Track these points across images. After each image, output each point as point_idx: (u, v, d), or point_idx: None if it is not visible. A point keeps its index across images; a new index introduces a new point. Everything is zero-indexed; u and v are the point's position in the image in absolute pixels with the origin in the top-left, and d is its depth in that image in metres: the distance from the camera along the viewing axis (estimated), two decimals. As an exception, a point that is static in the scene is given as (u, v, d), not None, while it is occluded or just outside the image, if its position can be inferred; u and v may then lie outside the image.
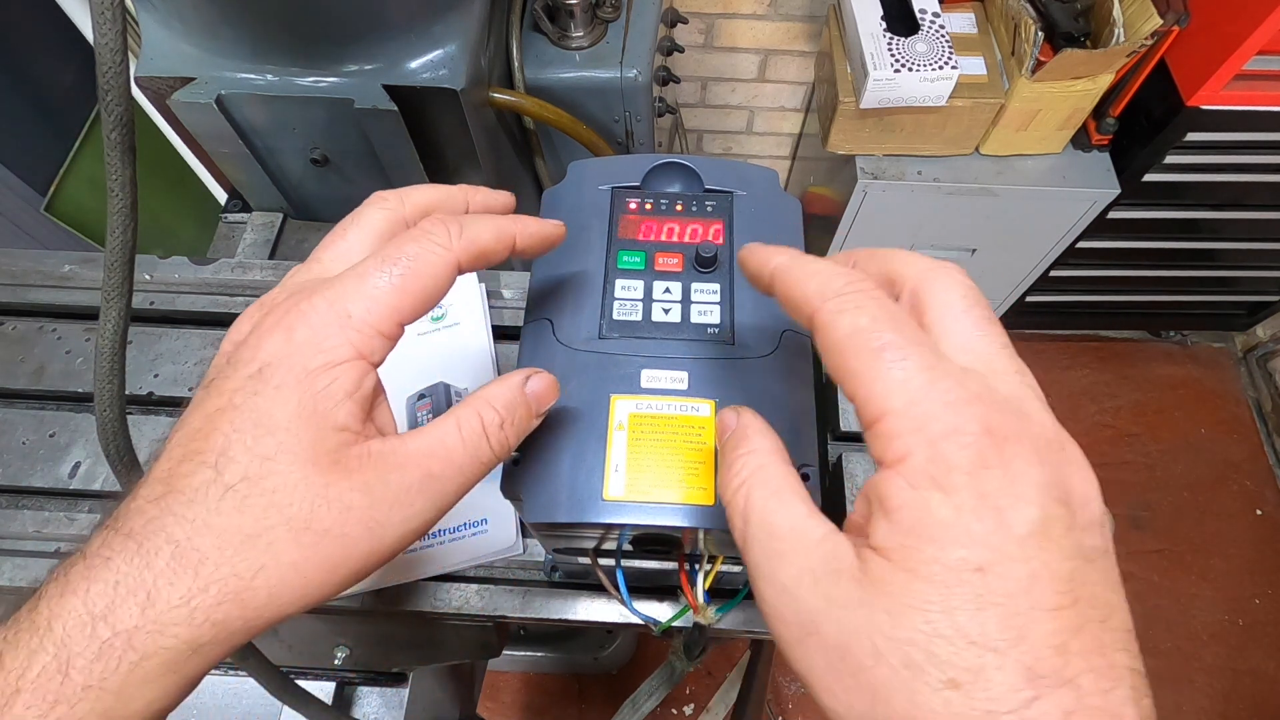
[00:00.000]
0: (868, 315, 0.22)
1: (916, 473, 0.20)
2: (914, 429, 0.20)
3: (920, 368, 0.21)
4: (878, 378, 0.21)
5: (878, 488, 0.21)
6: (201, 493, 0.22)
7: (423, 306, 0.26)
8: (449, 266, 0.26)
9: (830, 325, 0.22)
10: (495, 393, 0.27)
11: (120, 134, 0.29)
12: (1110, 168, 1.23)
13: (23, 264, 0.58)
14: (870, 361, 0.21)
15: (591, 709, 1.48)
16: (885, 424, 0.21)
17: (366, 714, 0.59)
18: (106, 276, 0.32)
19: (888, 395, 0.21)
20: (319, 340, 0.24)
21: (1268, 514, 1.68)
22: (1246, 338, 1.86)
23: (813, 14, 1.37)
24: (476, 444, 0.26)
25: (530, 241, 0.30)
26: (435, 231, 0.26)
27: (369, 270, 0.25)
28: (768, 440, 0.25)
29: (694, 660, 0.43)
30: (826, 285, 0.23)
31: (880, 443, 0.21)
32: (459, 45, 0.60)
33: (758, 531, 0.23)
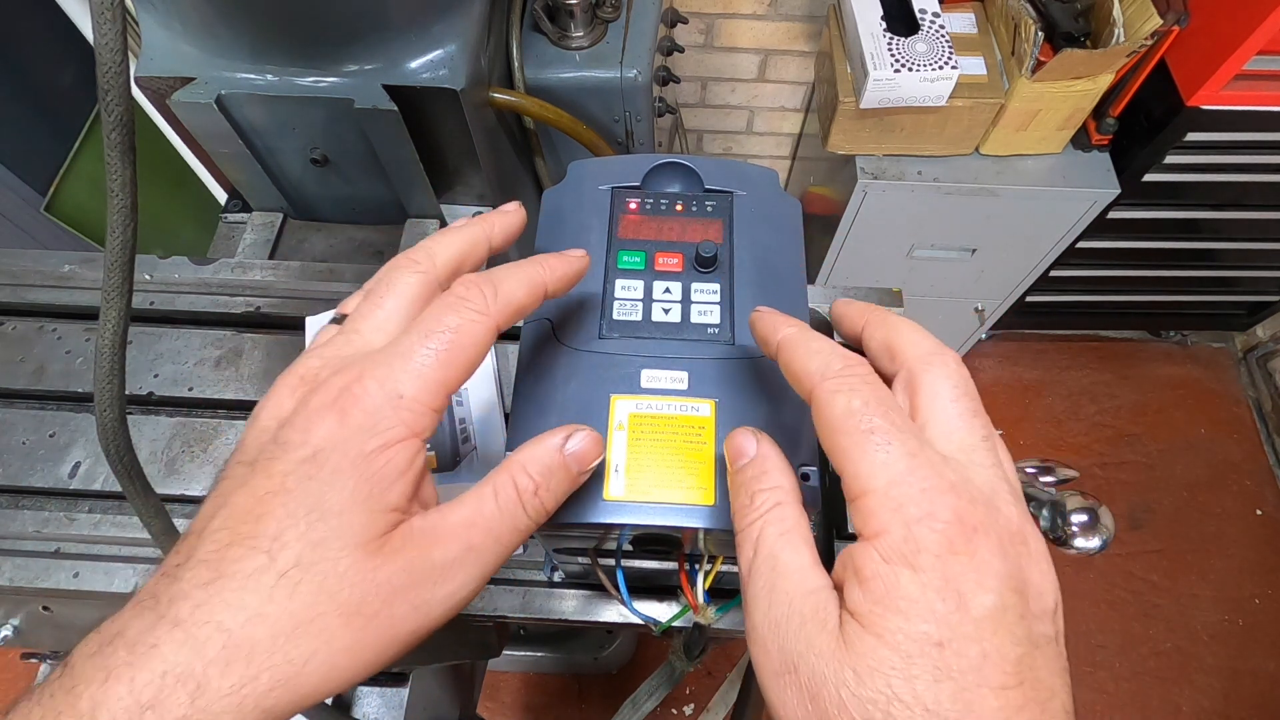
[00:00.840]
0: (860, 399, 0.24)
1: (890, 549, 0.22)
2: (892, 509, 0.22)
3: (903, 454, 0.23)
4: (864, 458, 0.23)
5: (854, 557, 0.22)
6: (254, 579, 0.22)
7: (468, 375, 0.26)
8: (489, 332, 0.26)
9: (826, 403, 0.24)
10: (531, 455, 0.27)
11: (120, 134, 0.29)
12: (1110, 168, 1.23)
13: (23, 264, 0.58)
14: (859, 442, 0.23)
15: (591, 709, 1.48)
16: (866, 501, 0.22)
17: (366, 714, 0.59)
18: (106, 276, 0.32)
19: (871, 475, 0.23)
20: (374, 424, 0.24)
21: (1268, 514, 1.68)
22: (1246, 338, 1.86)
23: (813, 14, 1.37)
24: (513, 512, 0.26)
25: (561, 285, 0.30)
26: (471, 298, 0.26)
27: (414, 348, 0.25)
28: (788, 479, 0.26)
29: (694, 660, 0.43)
30: (826, 365, 0.25)
31: (860, 517, 0.23)
32: (459, 45, 0.60)
33: (763, 565, 0.24)
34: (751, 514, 0.25)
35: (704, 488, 0.29)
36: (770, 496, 0.25)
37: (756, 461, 0.26)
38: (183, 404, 0.54)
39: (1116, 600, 1.57)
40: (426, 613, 0.24)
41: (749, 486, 0.26)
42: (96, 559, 0.48)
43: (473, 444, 0.50)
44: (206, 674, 0.21)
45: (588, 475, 0.28)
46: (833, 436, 0.24)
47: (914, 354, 0.26)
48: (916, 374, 0.26)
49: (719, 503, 0.29)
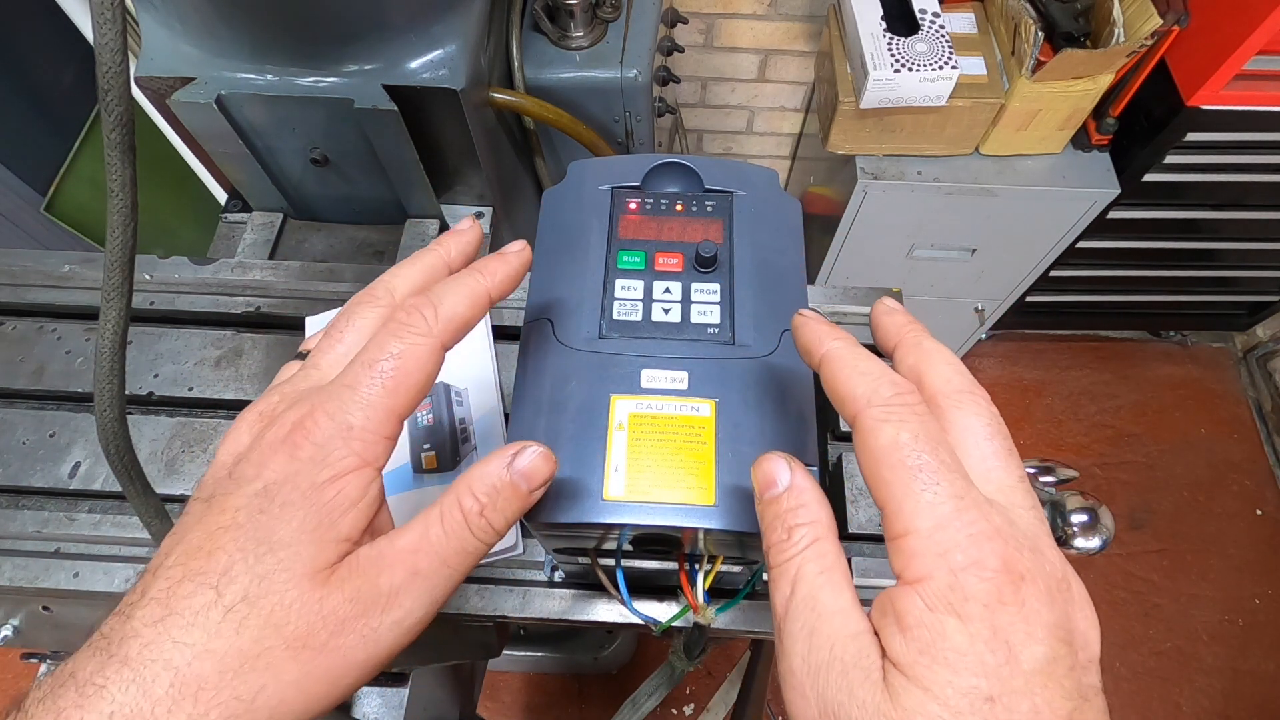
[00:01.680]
0: (909, 431, 0.23)
1: (935, 596, 0.21)
2: (937, 553, 0.21)
3: (950, 495, 0.22)
4: (908, 495, 0.22)
5: (895, 602, 0.22)
6: (202, 615, 0.22)
7: (418, 397, 0.26)
8: (434, 353, 0.26)
9: (871, 432, 0.23)
10: (477, 476, 0.26)
11: (120, 134, 0.29)
12: (1110, 168, 1.23)
13: (23, 264, 0.58)
14: (904, 478, 0.22)
15: (591, 709, 1.48)
16: (909, 542, 0.22)
17: (366, 714, 0.59)
18: (106, 276, 0.32)
19: (915, 515, 0.22)
20: (324, 455, 0.24)
21: (1268, 514, 1.68)
22: (1246, 338, 1.86)
23: (813, 14, 1.37)
24: (460, 533, 0.25)
25: (505, 286, 0.29)
26: (413, 322, 0.26)
27: (360, 377, 0.25)
28: (825, 511, 0.25)
29: (694, 660, 0.43)
30: (874, 390, 0.24)
31: (901, 558, 0.22)
32: (459, 45, 0.60)
33: (802, 606, 0.23)
34: (789, 549, 0.24)
35: (704, 488, 0.29)
36: (808, 532, 0.24)
37: (792, 493, 0.25)
38: (183, 404, 0.54)
39: (1116, 600, 1.57)
40: (375, 641, 0.24)
41: (784, 519, 0.25)
42: (96, 559, 0.48)
43: (473, 444, 0.50)
44: (154, 713, 0.21)
45: (540, 493, 0.27)
46: (875, 468, 0.23)
47: (946, 389, 0.25)
48: (947, 410, 0.25)
49: (719, 503, 0.29)
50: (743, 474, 0.29)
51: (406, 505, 0.48)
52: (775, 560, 0.24)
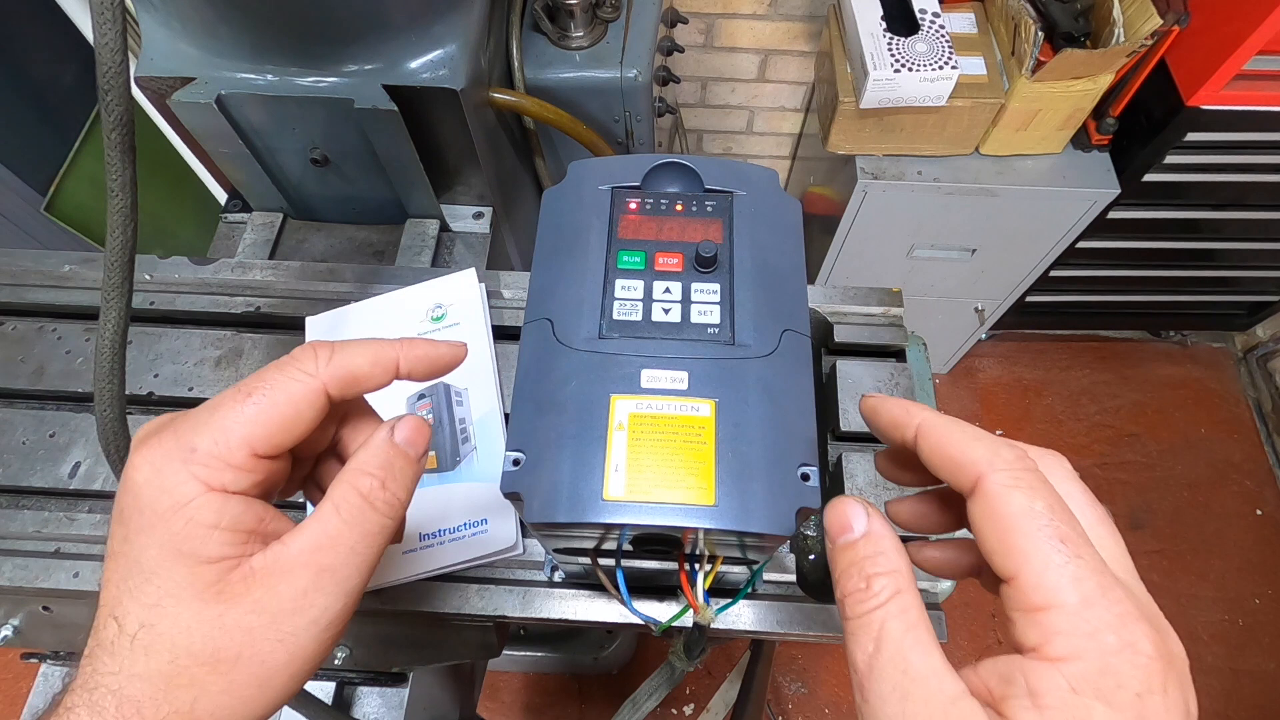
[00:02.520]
0: (1043, 500, 0.22)
1: (1083, 679, 0.20)
2: (1087, 633, 0.20)
3: (1093, 570, 0.21)
4: (1050, 568, 0.21)
5: (1029, 676, 0.20)
6: (115, 646, 0.23)
7: (284, 435, 0.26)
8: (314, 394, 0.26)
9: (1000, 497, 0.22)
10: (365, 458, 0.27)
11: (120, 134, 0.29)
12: (1110, 168, 1.23)
13: (23, 264, 0.58)
14: (1045, 549, 0.21)
15: (591, 709, 1.48)
16: (1052, 617, 0.21)
17: (366, 714, 0.59)
18: (106, 276, 0.32)
19: (1059, 589, 0.21)
20: (161, 481, 0.24)
21: (1268, 514, 1.68)
22: (1246, 338, 1.86)
23: (813, 14, 1.37)
24: (361, 517, 0.25)
25: (419, 367, 0.29)
26: (302, 360, 0.26)
27: (224, 402, 0.25)
28: (905, 561, 0.24)
29: (694, 660, 0.43)
30: (995, 454, 0.23)
31: (1038, 631, 0.21)
32: (459, 45, 0.60)
33: (890, 666, 0.22)
34: (868, 600, 0.23)
35: (704, 488, 0.29)
36: (889, 583, 0.23)
37: (870, 539, 0.24)
38: (183, 404, 0.54)
39: (1116, 600, 1.57)
40: (296, 642, 0.24)
41: (862, 567, 0.24)
42: (96, 559, 0.48)
43: (472, 444, 0.50)
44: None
45: (426, 459, 0.28)
46: (1007, 535, 0.22)
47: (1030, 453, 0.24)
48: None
49: (719, 503, 0.29)
50: (743, 474, 0.29)
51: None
52: (854, 611, 0.23)
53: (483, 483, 0.48)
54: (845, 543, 0.25)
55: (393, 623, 0.52)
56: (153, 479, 0.24)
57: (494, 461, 0.49)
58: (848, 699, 1.48)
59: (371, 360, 0.28)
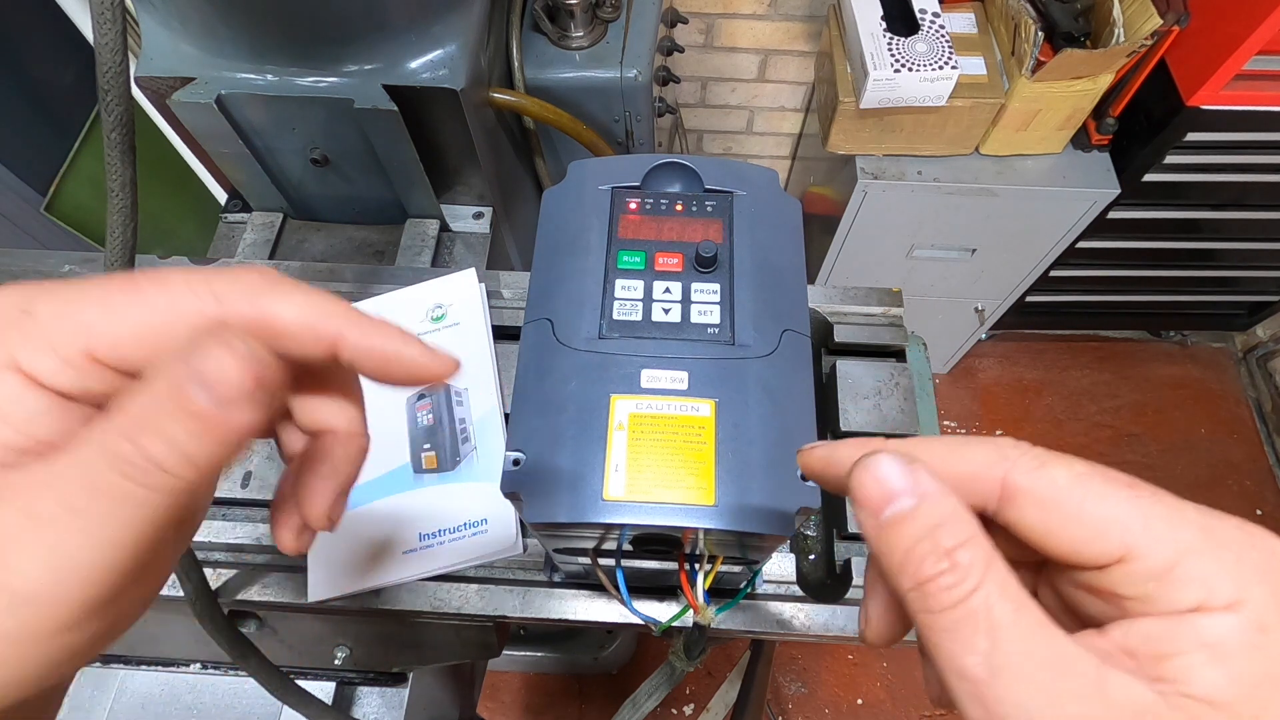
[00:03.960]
0: (1080, 464, 0.19)
1: (1261, 611, 0.17)
2: (1234, 561, 0.17)
3: (1164, 497, 0.18)
4: (1149, 518, 0.18)
5: (1201, 632, 0.17)
6: None
7: (136, 348, 0.19)
8: (201, 319, 0.19)
9: (1040, 475, 0.19)
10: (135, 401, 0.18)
11: (120, 134, 0.29)
12: (1110, 168, 1.23)
13: (23, 264, 0.58)
14: (1125, 503, 0.18)
15: (591, 709, 1.48)
16: (1192, 566, 0.18)
17: (366, 714, 0.59)
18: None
19: (1175, 536, 0.18)
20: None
21: (1268, 514, 1.68)
22: (1246, 338, 1.86)
23: (813, 14, 1.37)
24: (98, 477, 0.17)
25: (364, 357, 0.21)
26: (224, 279, 0.20)
27: (109, 280, 0.19)
28: (975, 520, 0.19)
29: (694, 660, 0.43)
30: (999, 450, 0.20)
31: (1192, 588, 0.17)
32: (459, 45, 0.60)
33: (1023, 662, 0.17)
34: (962, 584, 0.18)
35: (704, 488, 0.29)
36: (977, 553, 0.18)
37: (931, 501, 0.19)
38: (183, 404, 0.54)
39: (1116, 600, 1.57)
40: None
41: (936, 541, 0.18)
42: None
43: (472, 444, 0.50)
44: None
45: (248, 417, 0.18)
46: (1083, 511, 0.19)
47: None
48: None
49: (719, 503, 0.29)
50: (743, 474, 0.29)
51: (407, 505, 0.48)
52: (942, 602, 0.18)
53: (483, 483, 0.48)
54: (895, 516, 0.19)
55: (393, 623, 0.52)
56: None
57: (494, 461, 0.49)
58: (848, 699, 1.48)
59: (303, 321, 0.20)
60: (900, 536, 0.18)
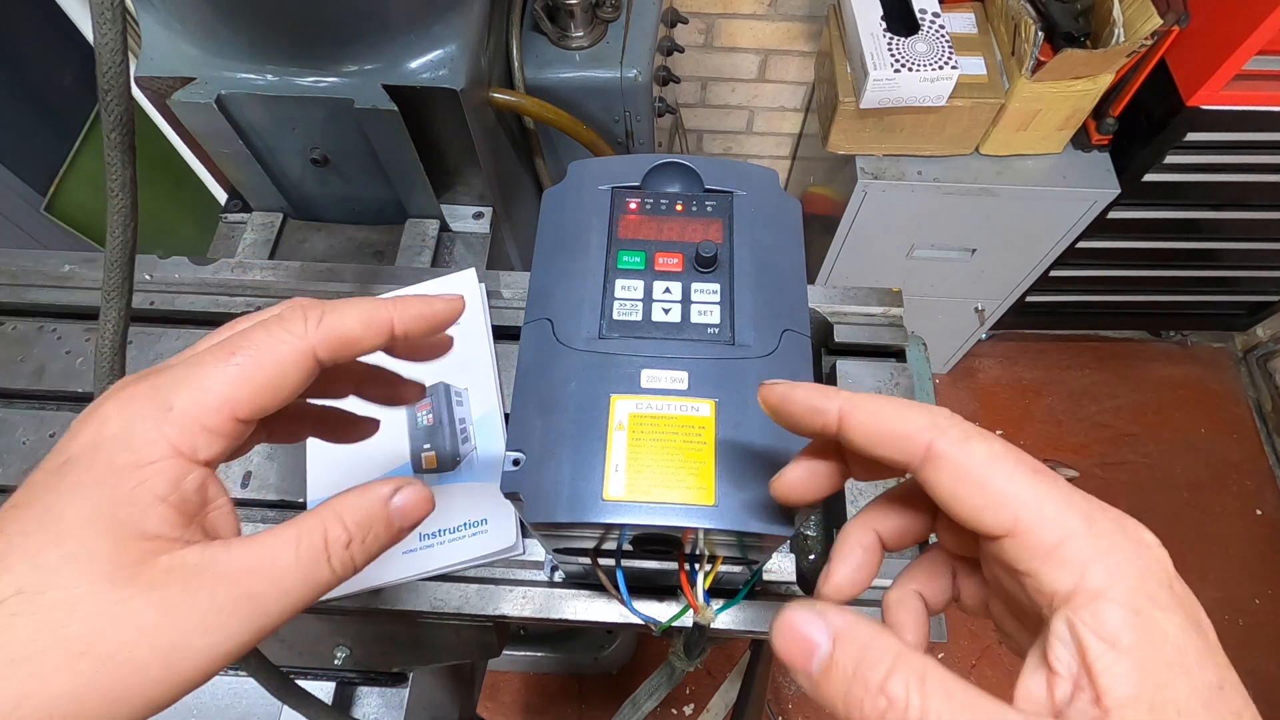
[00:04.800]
0: (996, 442, 0.21)
1: (1132, 596, 0.18)
2: (1107, 549, 0.19)
3: (1063, 487, 0.20)
4: (1045, 500, 0.20)
5: (1096, 625, 0.18)
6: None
7: (267, 399, 0.23)
8: (302, 356, 0.24)
9: (963, 451, 0.21)
10: (351, 504, 0.24)
11: (120, 134, 0.29)
12: (1110, 168, 1.23)
13: (23, 264, 0.58)
14: (1029, 484, 0.20)
15: (591, 709, 1.48)
16: (1073, 548, 0.19)
17: (366, 714, 0.59)
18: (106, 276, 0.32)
19: (1065, 518, 0.20)
20: (130, 435, 0.21)
21: (1268, 514, 1.68)
22: (1246, 338, 1.86)
23: (813, 14, 1.37)
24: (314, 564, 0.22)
25: (415, 325, 0.27)
26: (289, 320, 0.24)
27: (205, 359, 0.23)
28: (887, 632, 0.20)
29: (694, 660, 0.43)
30: (934, 416, 0.22)
31: (1069, 569, 0.19)
32: (459, 45, 0.60)
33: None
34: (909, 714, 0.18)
35: (704, 488, 0.29)
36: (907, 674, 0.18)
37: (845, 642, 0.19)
38: (183, 404, 0.54)
39: (1116, 600, 1.57)
40: (178, 662, 0.20)
41: (866, 682, 0.18)
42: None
43: (472, 444, 0.50)
44: None
45: (409, 532, 0.25)
46: (989, 485, 0.20)
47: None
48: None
49: (719, 503, 0.29)
50: (743, 474, 0.29)
51: (406, 505, 0.48)
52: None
53: (483, 483, 0.48)
54: (820, 668, 0.19)
55: (393, 623, 0.52)
56: (122, 433, 0.21)
57: (494, 461, 0.49)
58: (848, 699, 1.48)
59: (364, 322, 0.25)
60: (832, 686, 0.19)
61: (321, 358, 0.25)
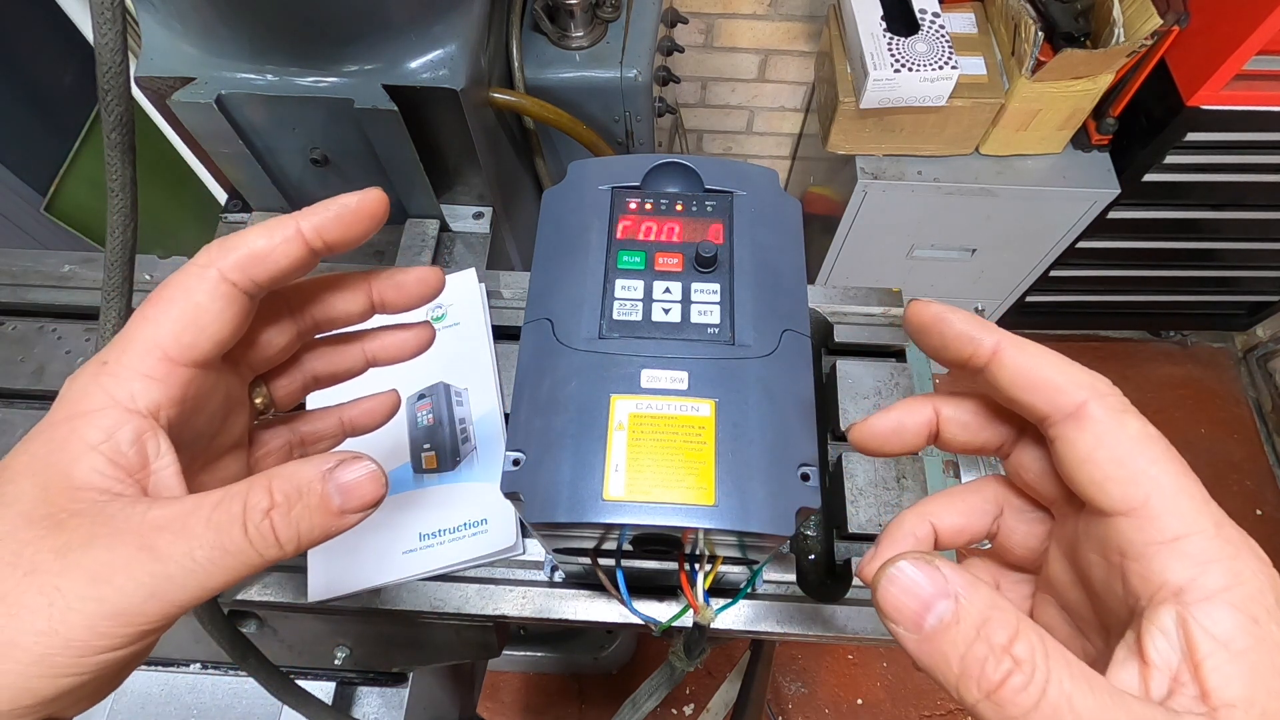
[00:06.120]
0: (1151, 427, 0.21)
1: (1249, 603, 0.18)
2: (1232, 555, 0.19)
3: (1204, 493, 0.20)
4: (1182, 492, 0.19)
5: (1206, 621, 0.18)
6: None
7: (193, 334, 0.23)
8: (213, 284, 0.23)
9: (1116, 420, 0.21)
10: (286, 471, 0.22)
11: (120, 134, 0.29)
12: (1110, 168, 1.23)
13: (23, 264, 0.58)
14: (1173, 473, 0.20)
15: (591, 709, 1.48)
16: (1197, 544, 0.19)
17: (366, 714, 0.59)
18: (106, 276, 0.32)
19: (1197, 514, 0.19)
20: (70, 392, 0.22)
21: (1268, 514, 1.68)
22: (1246, 338, 1.86)
23: (813, 14, 1.37)
24: (226, 529, 0.20)
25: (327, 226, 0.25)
26: (197, 256, 0.24)
27: (133, 318, 0.23)
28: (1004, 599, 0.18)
29: (694, 660, 0.43)
30: (1095, 379, 0.22)
31: (1186, 563, 0.18)
32: (459, 45, 0.60)
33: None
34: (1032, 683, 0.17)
35: (704, 488, 0.29)
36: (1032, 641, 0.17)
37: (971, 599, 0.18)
38: (183, 404, 0.54)
39: (1116, 600, 1.57)
40: (59, 616, 0.19)
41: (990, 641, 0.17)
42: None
43: (473, 444, 0.50)
44: None
45: (358, 518, 0.22)
46: (1131, 460, 0.20)
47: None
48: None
49: (719, 503, 0.29)
50: (743, 474, 0.29)
51: (407, 505, 0.48)
52: (1018, 708, 0.17)
53: (483, 483, 0.48)
54: (939, 625, 0.18)
55: (393, 623, 0.52)
56: (65, 394, 0.22)
57: (494, 461, 0.49)
58: (848, 699, 1.48)
59: (267, 233, 0.24)
60: (950, 645, 0.18)
61: (235, 280, 0.24)
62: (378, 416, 0.34)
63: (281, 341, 0.29)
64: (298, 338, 0.29)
